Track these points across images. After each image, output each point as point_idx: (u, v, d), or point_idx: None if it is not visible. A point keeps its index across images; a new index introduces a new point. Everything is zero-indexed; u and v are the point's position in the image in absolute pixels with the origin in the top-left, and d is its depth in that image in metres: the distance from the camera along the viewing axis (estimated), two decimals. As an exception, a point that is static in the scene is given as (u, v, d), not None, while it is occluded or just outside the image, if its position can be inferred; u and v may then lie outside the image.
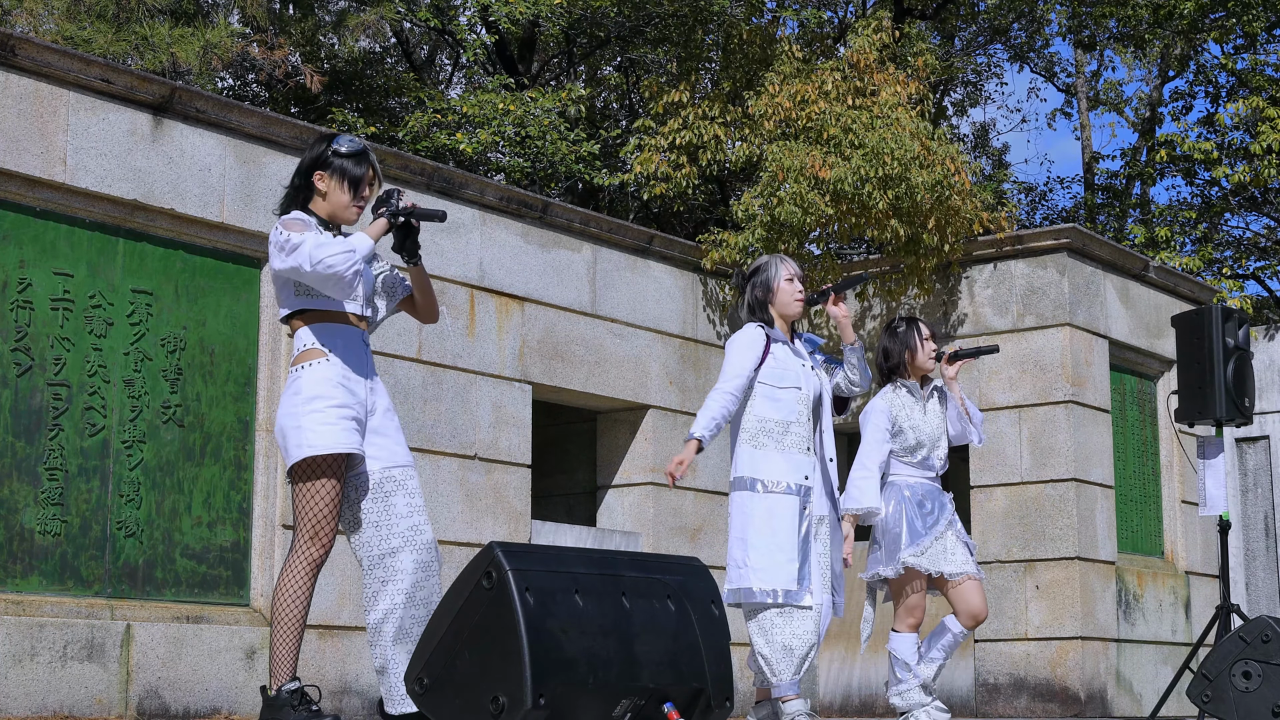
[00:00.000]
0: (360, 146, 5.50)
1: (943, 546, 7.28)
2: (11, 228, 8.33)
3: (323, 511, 5.34)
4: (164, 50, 13.04)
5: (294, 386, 5.38)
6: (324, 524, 5.35)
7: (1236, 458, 15.39)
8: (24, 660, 7.98)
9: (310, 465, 5.32)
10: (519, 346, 10.82)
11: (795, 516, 6.49)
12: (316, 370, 5.36)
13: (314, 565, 5.37)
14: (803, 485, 6.54)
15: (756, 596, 6.46)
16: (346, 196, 5.47)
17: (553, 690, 4.77)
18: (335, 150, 5.47)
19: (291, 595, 5.34)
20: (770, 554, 6.45)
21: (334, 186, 5.47)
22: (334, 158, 5.46)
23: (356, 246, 5.26)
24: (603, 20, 15.72)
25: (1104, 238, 13.01)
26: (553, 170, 14.93)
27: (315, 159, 5.49)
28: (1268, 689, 7.88)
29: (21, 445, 8.24)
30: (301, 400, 5.34)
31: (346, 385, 5.38)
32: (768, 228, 11.82)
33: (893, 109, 11.89)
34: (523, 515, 10.67)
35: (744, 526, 6.54)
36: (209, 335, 9.14)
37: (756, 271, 6.77)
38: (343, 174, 5.46)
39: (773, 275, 6.70)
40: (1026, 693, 11.68)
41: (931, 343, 7.48)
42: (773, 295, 6.69)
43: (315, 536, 5.35)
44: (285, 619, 5.34)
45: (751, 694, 12.15)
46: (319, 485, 5.33)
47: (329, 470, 5.32)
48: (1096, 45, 21.37)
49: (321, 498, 5.34)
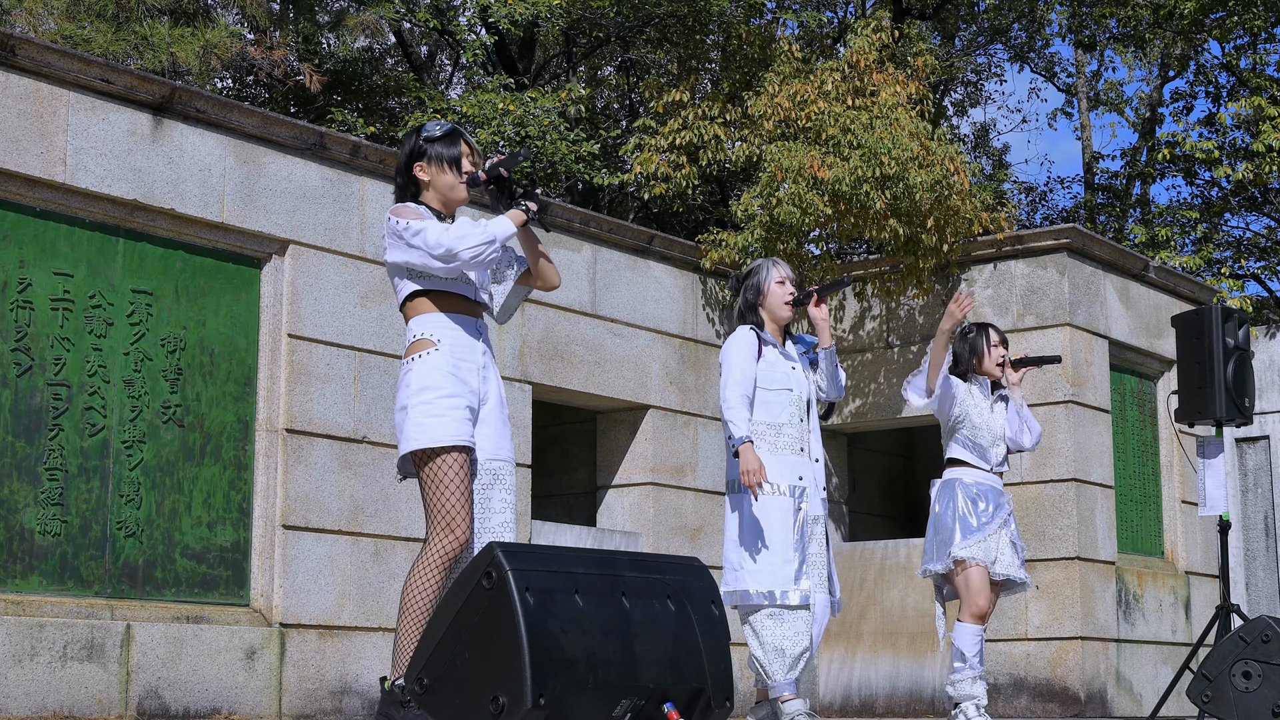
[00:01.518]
0: (449, 127, 5.45)
1: (994, 544, 7.35)
2: (11, 228, 8.33)
3: (450, 501, 5.21)
4: (163, 50, 13.05)
5: (405, 379, 5.31)
6: (454, 513, 5.22)
7: (1236, 458, 15.39)
8: (24, 660, 7.98)
9: (428, 455, 5.23)
10: (519, 346, 10.82)
11: (790, 517, 6.55)
12: (427, 360, 5.28)
13: (446, 557, 5.22)
14: (796, 486, 6.59)
15: (752, 599, 6.52)
16: (450, 177, 5.41)
17: (553, 690, 4.76)
18: (426, 137, 5.43)
19: (419, 588, 5.22)
20: (764, 556, 6.51)
21: (435, 173, 5.42)
22: (426, 145, 5.42)
23: (496, 234, 5.22)
24: (602, 20, 15.72)
25: (1104, 238, 13.01)
26: (553, 170, 14.94)
27: (410, 152, 5.46)
28: (1268, 689, 7.88)
29: (21, 445, 8.24)
30: (412, 392, 5.26)
31: (457, 374, 5.29)
32: (767, 228, 11.82)
33: (892, 109, 11.88)
34: (523, 515, 10.67)
35: (738, 528, 6.60)
36: (209, 335, 9.14)
37: (749, 275, 6.86)
38: (440, 158, 5.41)
39: (764, 278, 6.78)
40: (1026, 693, 11.69)
41: (1000, 349, 7.58)
42: (763, 298, 6.77)
43: (448, 527, 5.22)
44: (410, 611, 5.22)
45: (752, 694, 12.15)
46: (441, 475, 5.22)
47: (448, 458, 5.24)
48: (1097, 45, 21.36)
49: (445, 487, 5.22)
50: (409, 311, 5.39)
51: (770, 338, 6.73)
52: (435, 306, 5.37)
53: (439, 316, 5.35)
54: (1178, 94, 20.84)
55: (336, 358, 9.58)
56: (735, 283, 6.94)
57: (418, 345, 5.33)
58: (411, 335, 5.36)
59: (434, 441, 5.21)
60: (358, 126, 14.60)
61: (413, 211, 5.31)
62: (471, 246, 5.18)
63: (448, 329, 5.35)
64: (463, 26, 16.40)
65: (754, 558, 6.52)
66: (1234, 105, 18.11)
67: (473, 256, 5.19)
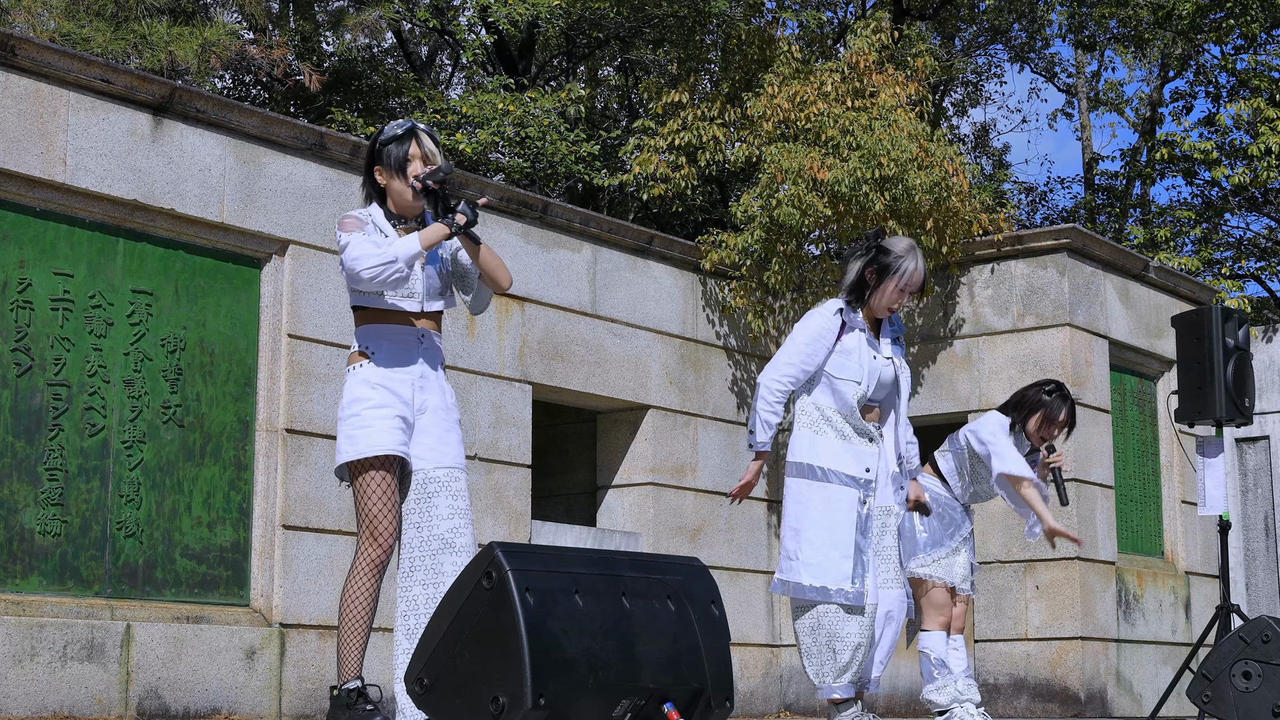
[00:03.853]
0: (407, 126, 5.35)
1: (952, 562, 7.29)
2: (11, 228, 8.33)
3: (374, 511, 5.28)
4: (162, 49, 13.05)
5: (343, 391, 5.39)
6: (379, 522, 5.28)
7: (1236, 458, 15.39)
8: (24, 660, 7.98)
9: (357, 467, 5.29)
10: (519, 347, 10.82)
11: (853, 509, 6.15)
12: (358, 373, 5.34)
13: (374, 565, 5.30)
14: (863, 478, 6.19)
15: (806, 593, 6.15)
16: (398, 182, 5.34)
17: (553, 690, 4.76)
18: (383, 139, 5.36)
19: (354, 596, 5.30)
20: (823, 549, 6.11)
21: (388, 178, 5.36)
22: (381, 147, 5.36)
23: (399, 254, 5.15)
24: (602, 21, 15.72)
25: (1104, 238, 13.02)
26: (552, 170, 14.94)
27: (369, 156, 5.41)
28: (1268, 689, 7.88)
29: (21, 445, 8.24)
30: (344, 404, 5.34)
31: (386, 385, 5.31)
32: (767, 229, 11.82)
33: (891, 110, 11.88)
34: (523, 515, 10.66)
35: (799, 516, 6.20)
36: (209, 335, 9.14)
37: (885, 252, 6.24)
38: (389, 160, 5.34)
39: (892, 272, 6.22)
40: (1026, 693, 11.69)
41: (1059, 435, 7.30)
42: (879, 292, 6.25)
43: (372, 537, 5.29)
44: (346, 620, 5.31)
45: (751, 694, 12.15)
46: (367, 486, 5.28)
47: (374, 470, 5.28)
48: (1097, 45, 21.38)
49: (370, 497, 5.28)
50: (355, 322, 5.43)
51: (859, 322, 6.26)
52: (371, 319, 5.39)
53: (374, 328, 5.38)
54: (1178, 94, 20.85)
55: (336, 358, 9.57)
56: (866, 243, 6.26)
57: (353, 358, 5.38)
58: (353, 348, 5.40)
59: (360, 454, 5.26)
60: (358, 126, 14.60)
61: (351, 222, 5.27)
62: (370, 267, 5.13)
63: (382, 340, 5.36)
64: (463, 26, 16.41)
65: (811, 550, 6.13)
66: (1233, 106, 18.12)
67: (371, 277, 5.15)
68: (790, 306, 12.61)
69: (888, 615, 6.32)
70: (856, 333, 6.27)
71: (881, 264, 6.23)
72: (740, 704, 11.02)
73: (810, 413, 6.28)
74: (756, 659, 12.26)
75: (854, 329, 6.27)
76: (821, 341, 6.22)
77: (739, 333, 12.56)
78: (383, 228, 5.36)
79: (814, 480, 6.20)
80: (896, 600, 6.31)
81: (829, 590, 6.11)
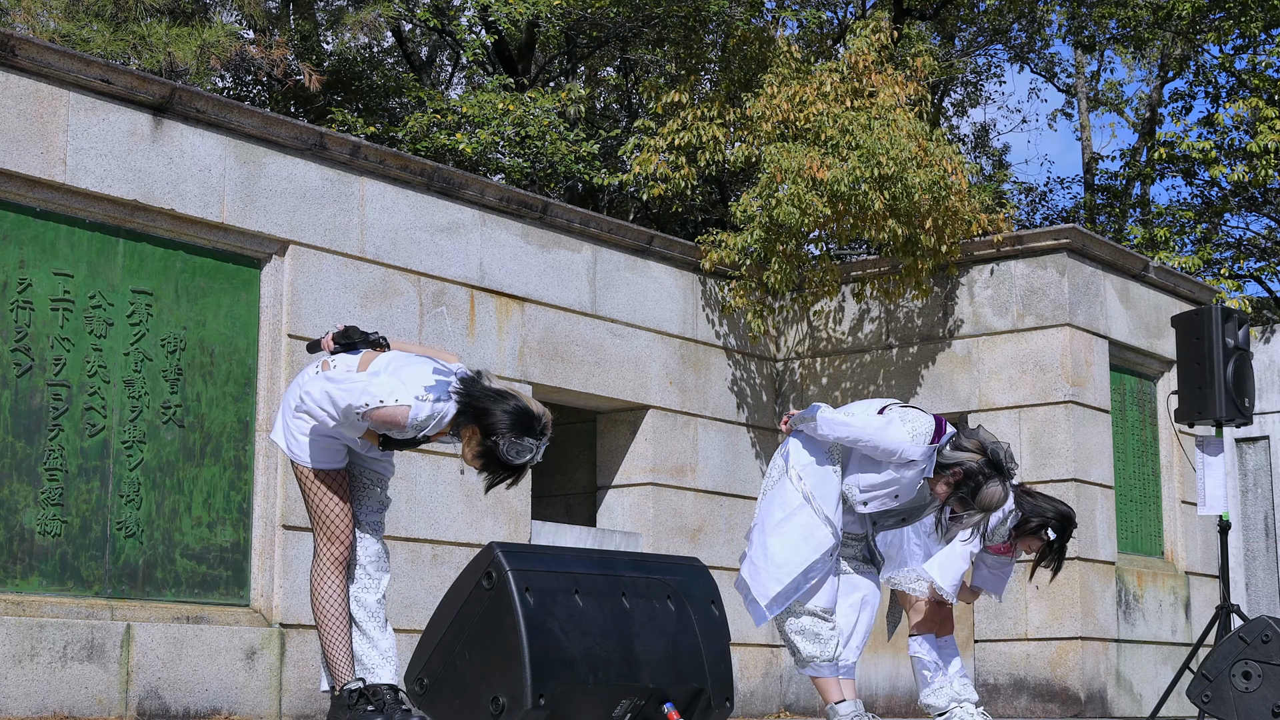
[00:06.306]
0: (524, 458, 5.39)
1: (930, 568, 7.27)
2: (11, 228, 8.33)
3: (330, 511, 5.36)
4: (161, 49, 13.05)
5: (304, 384, 5.47)
6: (336, 522, 5.36)
7: (1236, 458, 15.39)
8: (24, 660, 7.98)
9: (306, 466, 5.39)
10: (519, 347, 10.82)
11: (826, 547, 6.03)
12: (322, 375, 5.48)
13: (338, 562, 5.36)
14: (838, 531, 6.08)
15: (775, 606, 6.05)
16: (459, 446, 5.64)
17: (553, 690, 4.76)
18: (511, 446, 5.38)
19: (325, 595, 5.34)
20: (788, 567, 6.00)
21: (464, 439, 5.59)
22: (505, 440, 5.42)
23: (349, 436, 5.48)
24: (602, 21, 15.72)
25: (1104, 238, 13.01)
26: (552, 170, 14.94)
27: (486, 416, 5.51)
28: (1268, 689, 7.88)
29: (21, 445, 8.24)
30: (298, 396, 5.45)
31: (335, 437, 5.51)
32: (766, 229, 11.82)
33: (890, 110, 11.88)
34: (523, 516, 10.66)
35: (777, 524, 6.05)
36: (209, 335, 9.14)
37: (988, 483, 5.90)
38: (503, 453, 5.54)
39: (987, 510, 5.95)
40: (1026, 693, 11.68)
41: (1031, 546, 6.98)
42: (962, 515, 5.97)
43: (331, 536, 5.38)
44: (323, 620, 5.34)
45: (751, 694, 12.15)
46: (319, 483, 5.36)
47: (328, 472, 5.35)
48: (1096, 46, 21.37)
49: (324, 495, 5.37)
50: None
51: (861, 504, 6.08)
52: None
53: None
54: (1177, 94, 20.85)
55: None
56: (975, 468, 5.89)
57: (325, 363, 5.48)
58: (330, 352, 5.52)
59: (317, 465, 5.39)
60: (358, 126, 14.60)
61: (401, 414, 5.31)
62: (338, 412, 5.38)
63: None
64: (463, 26, 16.41)
65: (777, 559, 5.99)
66: (1232, 106, 18.12)
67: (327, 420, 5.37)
68: (790, 306, 12.61)
69: (862, 600, 6.28)
70: (852, 516, 6.14)
71: (984, 494, 5.95)
72: (740, 704, 11.02)
73: (835, 450, 6.10)
74: (756, 659, 12.26)
75: (863, 504, 6.10)
76: (912, 450, 5.93)
77: (739, 332, 12.56)
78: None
79: (805, 503, 6.05)
80: (869, 586, 6.29)
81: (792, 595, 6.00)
